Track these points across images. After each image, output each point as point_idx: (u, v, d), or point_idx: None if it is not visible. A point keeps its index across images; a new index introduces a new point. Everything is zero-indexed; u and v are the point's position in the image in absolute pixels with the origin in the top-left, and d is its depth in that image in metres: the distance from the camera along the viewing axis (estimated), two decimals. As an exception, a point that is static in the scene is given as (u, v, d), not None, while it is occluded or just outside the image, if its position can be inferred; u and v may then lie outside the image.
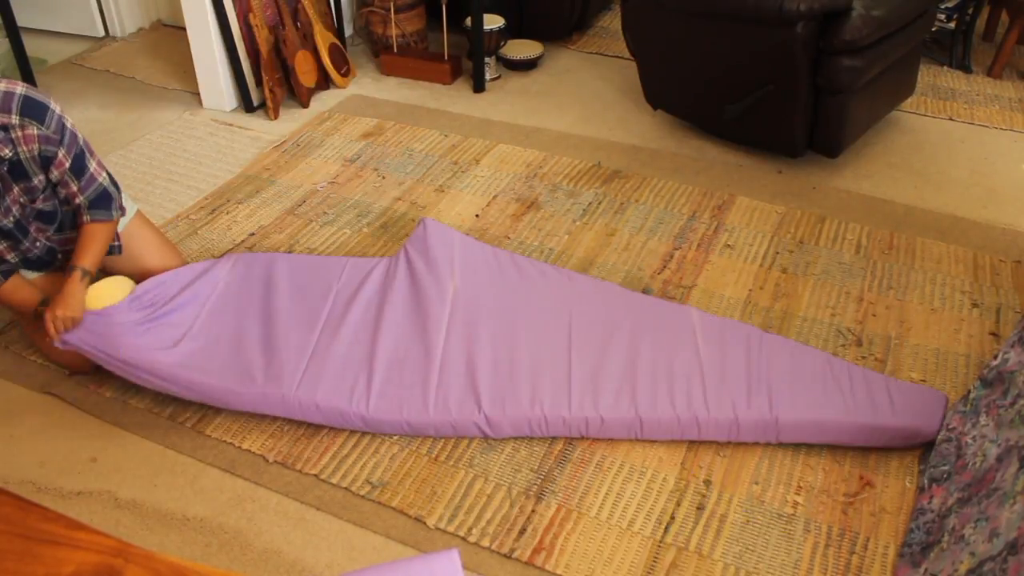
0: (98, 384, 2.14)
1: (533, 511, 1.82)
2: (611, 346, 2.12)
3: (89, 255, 2.05)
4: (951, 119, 3.40)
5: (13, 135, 1.83)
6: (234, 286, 2.28)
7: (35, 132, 1.86)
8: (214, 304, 2.22)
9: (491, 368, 2.05)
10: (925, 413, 1.95)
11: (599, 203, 2.85)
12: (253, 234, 2.71)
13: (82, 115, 3.45)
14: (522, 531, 1.78)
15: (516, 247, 2.63)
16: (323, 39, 3.56)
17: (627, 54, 3.81)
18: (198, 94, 3.51)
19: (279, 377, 2.01)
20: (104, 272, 2.23)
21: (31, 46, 3.47)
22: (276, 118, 3.41)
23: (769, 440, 1.95)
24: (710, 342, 2.12)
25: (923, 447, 1.95)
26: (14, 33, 3.21)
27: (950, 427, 1.91)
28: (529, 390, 1.99)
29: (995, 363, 1.91)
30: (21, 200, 1.97)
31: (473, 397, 1.98)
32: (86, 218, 2.06)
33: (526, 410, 1.95)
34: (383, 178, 3.01)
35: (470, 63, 3.67)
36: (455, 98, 3.58)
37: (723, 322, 2.20)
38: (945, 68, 3.80)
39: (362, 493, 1.86)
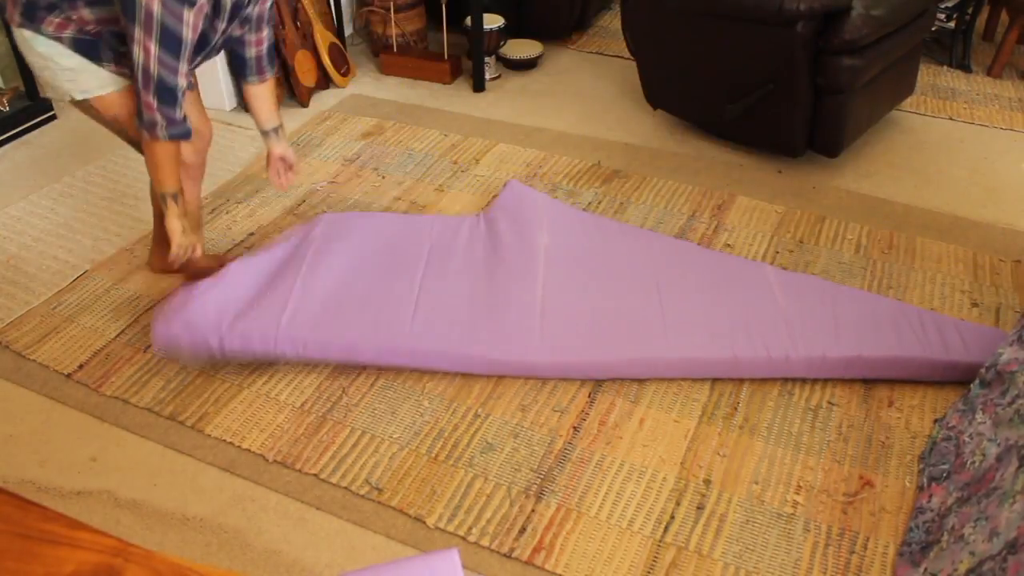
0: (98, 384, 2.14)
1: (533, 511, 1.82)
2: (696, 295, 2.30)
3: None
4: (951, 119, 3.40)
5: None
6: (321, 246, 2.40)
7: None
8: (309, 266, 2.32)
9: (589, 315, 2.22)
10: (990, 350, 2.12)
11: (599, 202, 2.85)
12: (253, 234, 2.71)
13: (82, 115, 3.44)
14: (522, 531, 1.78)
15: (516, 247, 2.63)
16: (323, 39, 3.56)
17: (627, 54, 3.81)
18: (198, 94, 3.51)
19: (391, 326, 2.15)
20: None
21: (31, 46, 3.46)
22: (276, 118, 3.41)
23: (854, 376, 2.11)
24: (788, 294, 2.31)
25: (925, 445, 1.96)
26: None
27: (950, 425, 1.91)
28: (627, 333, 2.16)
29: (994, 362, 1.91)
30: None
31: (580, 342, 2.14)
32: (268, 73, 2.22)
33: (629, 352, 2.12)
34: (383, 178, 3.01)
35: (470, 63, 3.67)
36: (455, 98, 3.58)
37: (797, 277, 2.39)
38: (945, 68, 3.81)
39: (362, 493, 1.86)
